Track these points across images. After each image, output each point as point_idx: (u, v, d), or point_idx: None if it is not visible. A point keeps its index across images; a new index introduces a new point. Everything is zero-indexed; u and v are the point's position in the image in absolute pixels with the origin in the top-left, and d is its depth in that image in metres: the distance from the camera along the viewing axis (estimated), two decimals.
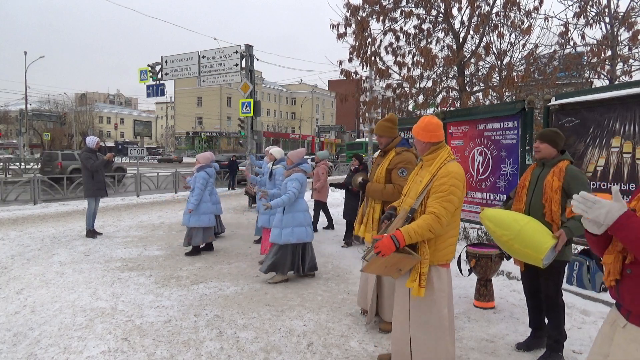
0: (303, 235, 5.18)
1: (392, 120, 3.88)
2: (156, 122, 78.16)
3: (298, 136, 68.42)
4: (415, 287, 2.66)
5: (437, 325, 2.73)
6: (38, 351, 3.41)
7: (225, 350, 3.47)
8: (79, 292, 4.82)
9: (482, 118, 5.82)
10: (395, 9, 9.75)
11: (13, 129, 56.31)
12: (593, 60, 8.86)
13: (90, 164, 7.79)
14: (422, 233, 2.58)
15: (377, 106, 11.01)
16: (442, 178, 2.66)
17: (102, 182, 8.08)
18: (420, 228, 2.57)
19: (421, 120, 2.89)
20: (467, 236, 7.16)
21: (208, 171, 6.87)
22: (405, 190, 2.95)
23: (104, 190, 8.16)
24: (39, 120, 46.92)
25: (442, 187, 2.64)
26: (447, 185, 2.64)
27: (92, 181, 7.87)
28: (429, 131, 2.82)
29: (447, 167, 2.71)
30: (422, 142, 2.85)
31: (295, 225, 5.15)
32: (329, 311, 4.35)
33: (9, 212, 10.56)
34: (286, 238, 5.12)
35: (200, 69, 16.35)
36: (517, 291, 4.71)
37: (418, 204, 2.71)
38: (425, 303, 2.73)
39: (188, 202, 6.63)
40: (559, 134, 3.22)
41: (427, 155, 2.86)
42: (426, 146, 2.85)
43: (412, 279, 2.68)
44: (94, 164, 7.80)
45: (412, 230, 2.57)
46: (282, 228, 5.15)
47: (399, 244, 2.54)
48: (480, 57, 9.48)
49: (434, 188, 2.67)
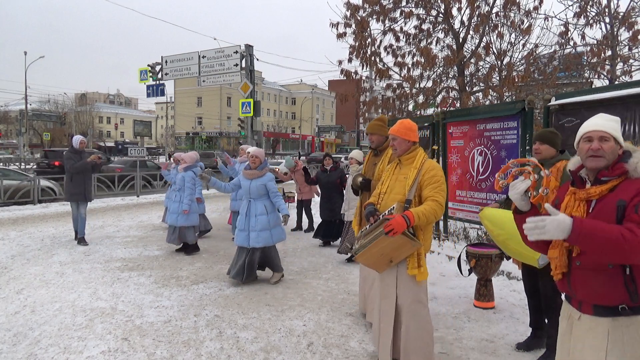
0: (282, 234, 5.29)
1: (382, 119, 4.10)
2: (156, 122, 78.02)
3: (298, 136, 68.43)
4: (417, 272, 2.88)
5: (422, 309, 2.96)
6: (38, 351, 3.41)
7: (225, 350, 3.47)
8: (79, 292, 4.82)
9: (482, 118, 5.82)
10: (395, 9, 9.76)
11: (13, 129, 56.29)
12: (593, 60, 8.87)
13: (69, 165, 7.03)
14: (429, 216, 2.78)
15: (377, 106, 11.02)
16: (431, 171, 2.93)
17: (82, 185, 7.16)
18: (428, 212, 2.78)
19: (402, 122, 3.13)
20: (467, 236, 7.16)
21: (195, 171, 6.89)
22: (384, 189, 3.13)
23: (83, 195, 7.19)
24: (39, 120, 46.95)
25: (435, 179, 2.90)
26: (438, 177, 2.92)
27: (71, 184, 7.12)
28: (413, 131, 3.09)
29: (430, 162, 3.00)
30: (407, 140, 3.06)
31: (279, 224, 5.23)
32: (329, 311, 4.35)
33: (9, 212, 10.56)
34: (278, 237, 5.20)
35: (200, 69, 16.36)
36: (517, 291, 4.71)
37: (412, 195, 2.91)
38: (413, 290, 2.94)
39: (180, 203, 6.62)
40: (557, 134, 3.23)
41: (407, 155, 3.08)
42: (408, 145, 3.07)
43: (413, 266, 2.88)
44: (74, 165, 7.02)
45: (420, 213, 2.76)
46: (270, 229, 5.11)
47: (410, 223, 2.71)
48: (480, 57, 9.50)
49: (427, 180, 2.91)
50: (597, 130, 1.80)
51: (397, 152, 3.10)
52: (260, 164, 5.15)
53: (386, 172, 3.26)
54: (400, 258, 2.87)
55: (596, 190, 1.77)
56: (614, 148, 1.78)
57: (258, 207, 5.08)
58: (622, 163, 1.76)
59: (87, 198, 7.29)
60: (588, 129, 1.84)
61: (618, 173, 1.76)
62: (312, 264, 6.19)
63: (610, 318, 1.74)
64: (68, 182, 7.18)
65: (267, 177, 5.12)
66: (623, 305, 1.71)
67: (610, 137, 1.78)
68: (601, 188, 1.76)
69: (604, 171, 1.78)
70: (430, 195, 2.85)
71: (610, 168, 1.78)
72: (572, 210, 1.83)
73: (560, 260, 1.85)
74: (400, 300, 2.95)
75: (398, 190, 3.00)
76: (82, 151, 7.31)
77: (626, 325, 1.72)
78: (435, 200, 2.82)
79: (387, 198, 3.05)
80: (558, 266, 1.86)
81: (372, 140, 4.04)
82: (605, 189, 1.76)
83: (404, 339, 2.95)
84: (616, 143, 1.79)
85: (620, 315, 1.72)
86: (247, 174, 5.12)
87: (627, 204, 1.67)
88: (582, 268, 1.78)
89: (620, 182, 1.75)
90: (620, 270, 1.69)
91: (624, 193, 1.70)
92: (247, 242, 5.03)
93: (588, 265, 1.76)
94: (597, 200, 1.77)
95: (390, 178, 3.14)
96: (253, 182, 5.07)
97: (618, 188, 1.74)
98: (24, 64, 38.32)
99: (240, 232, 5.09)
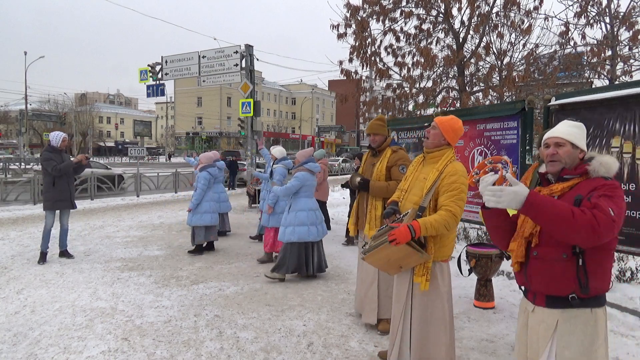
0: (305, 234, 5.17)
1: (382, 119, 4.02)
2: (156, 122, 78.13)
3: (298, 136, 68.38)
4: (422, 282, 2.71)
5: (440, 319, 2.78)
6: (38, 351, 3.41)
7: (225, 350, 3.47)
8: (79, 292, 4.82)
9: (482, 118, 5.82)
10: (395, 9, 9.75)
11: (13, 129, 56.29)
12: (593, 60, 8.85)
13: (51, 166, 5.90)
14: (438, 227, 2.59)
15: (377, 106, 11.01)
16: (451, 176, 2.70)
17: (68, 191, 6.15)
18: (437, 223, 2.59)
19: (454, 120, 2.90)
20: (467, 236, 7.16)
21: (210, 171, 6.91)
22: (405, 186, 2.96)
23: (69, 201, 6.21)
24: (39, 120, 46.91)
25: (453, 186, 2.67)
26: (458, 183, 2.68)
27: (53, 189, 6.02)
28: (457, 134, 2.88)
29: (454, 165, 2.76)
30: (443, 138, 2.85)
31: (297, 224, 5.16)
32: (329, 311, 4.35)
33: (9, 212, 10.56)
34: (288, 237, 5.15)
35: (200, 69, 16.36)
36: (517, 291, 4.70)
37: (427, 202, 2.72)
38: (430, 298, 2.77)
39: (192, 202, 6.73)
40: None
41: (433, 152, 2.87)
42: (441, 142, 2.86)
43: (421, 274, 2.71)
44: (57, 167, 5.93)
45: (428, 223, 2.58)
46: (285, 226, 5.19)
47: (414, 234, 2.54)
48: (480, 57, 9.48)
49: (445, 186, 2.69)
50: (553, 136, 1.94)
51: (427, 144, 2.91)
52: (297, 163, 5.52)
53: (411, 166, 3.05)
54: (409, 266, 2.72)
55: (558, 187, 1.89)
56: (571, 152, 1.90)
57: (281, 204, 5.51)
58: (584, 164, 1.88)
59: (74, 205, 6.35)
60: (546, 136, 1.99)
61: (579, 172, 1.88)
62: None
63: (560, 310, 1.84)
64: (49, 187, 6.04)
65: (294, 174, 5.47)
66: (573, 295, 1.80)
67: (566, 142, 1.90)
68: (563, 185, 1.88)
69: (567, 170, 1.90)
70: (445, 204, 2.64)
71: (573, 168, 1.90)
72: None
73: (518, 251, 1.94)
74: (413, 307, 2.80)
75: (416, 192, 2.83)
76: (63, 151, 6.25)
77: (574, 316, 1.82)
78: (449, 211, 2.61)
79: (406, 198, 2.89)
80: (516, 256, 1.95)
81: (374, 141, 3.94)
82: (567, 187, 1.87)
83: (412, 347, 2.80)
84: (574, 148, 1.91)
85: (569, 306, 1.82)
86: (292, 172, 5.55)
87: (584, 197, 1.77)
88: (538, 258, 1.88)
89: (581, 181, 1.87)
90: (574, 261, 1.79)
91: (582, 190, 1.82)
92: (318, 235, 5.32)
93: (544, 256, 1.86)
94: (558, 196, 1.87)
95: (413, 174, 2.96)
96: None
97: (577, 186, 1.86)
98: (24, 64, 38.38)
99: (312, 226, 5.24)
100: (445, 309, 2.79)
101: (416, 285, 2.77)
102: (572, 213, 1.65)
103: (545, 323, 1.87)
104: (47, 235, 6.13)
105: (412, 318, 2.80)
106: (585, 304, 1.81)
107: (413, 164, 3.06)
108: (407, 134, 7.16)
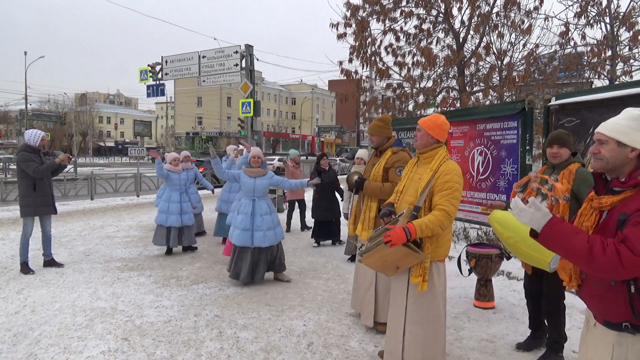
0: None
1: (384, 120, 3.94)
2: (156, 122, 78.05)
3: (298, 136, 68.41)
4: (420, 282, 2.72)
5: (435, 320, 2.80)
6: (38, 351, 3.41)
7: (225, 350, 3.47)
8: (79, 292, 4.82)
9: (482, 118, 5.82)
10: (395, 9, 9.76)
11: (13, 129, 56.28)
12: (593, 60, 8.86)
13: (32, 168, 5.31)
14: (433, 228, 2.62)
15: (377, 106, 11.02)
16: (445, 175, 2.71)
17: (49, 194, 5.62)
18: (432, 223, 2.61)
19: (436, 116, 2.90)
20: (467, 236, 7.16)
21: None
22: (401, 188, 2.98)
23: (52, 206, 5.67)
24: (39, 120, 46.80)
25: (447, 185, 2.69)
26: (452, 182, 2.70)
27: (34, 193, 5.44)
28: (442, 130, 2.87)
29: (448, 164, 2.77)
30: (430, 136, 2.85)
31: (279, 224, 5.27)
32: (329, 311, 4.35)
33: (9, 212, 10.56)
34: (280, 236, 5.23)
35: (200, 69, 16.35)
36: (517, 291, 4.71)
37: (422, 201, 2.73)
38: (426, 298, 2.79)
39: None
40: (570, 134, 3.24)
41: (426, 152, 2.88)
42: (430, 142, 2.86)
43: (418, 274, 2.73)
44: (39, 168, 5.35)
45: (424, 224, 2.60)
46: (274, 228, 5.13)
47: (410, 236, 2.56)
48: (480, 57, 9.49)
49: (439, 185, 2.71)
50: (597, 131, 1.72)
51: (416, 145, 2.92)
52: (262, 163, 5.22)
53: (407, 168, 3.08)
54: (406, 266, 2.74)
55: (607, 201, 1.69)
56: (616, 152, 1.64)
57: (262, 206, 5.09)
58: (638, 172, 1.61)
59: (55, 210, 5.79)
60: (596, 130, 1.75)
61: (632, 184, 1.61)
62: (312, 264, 6.20)
63: (617, 332, 1.70)
64: (29, 190, 5.44)
65: (269, 174, 5.22)
66: (626, 323, 1.65)
67: (609, 139, 1.65)
68: (612, 199, 1.67)
69: (616, 181, 1.67)
70: (440, 204, 2.66)
71: (625, 175, 1.64)
72: (585, 219, 1.80)
73: (575, 270, 1.82)
74: (409, 308, 2.82)
75: (411, 192, 2.85)
76: (41, 151, 5.64)
77: (631, 343, 1.68)
78: (442, 210, 2.63)
79: (402, 199, 2.92)
80: (573, 277, 1.83)
81: (372, 141, 3.93)
82: (617, 201, 1.65)
83: (406, 348, 2.81)
84: (621, 146, 1.63)
85: (624, 331, 1.68)
86: (250, 172, 5.10)
87: (628, 217, 1.56)
88: (588, 280, 1.75)
89: (633, 194, 1.61)
90: (624, 287, 1.61)
91: (631, 206, 1.58)
92: (251, 241, 4.99)
93: (592, 279, 1.71)
94: (608, 211, 1.69)
95: (408, 175, 2.98)
96: (258, 180, 5.08)
97: (628, 199, 1.61)
98: (24, 64, 38.37)
99: (244, 231, 4.99)
100: (440, 308, 2.81)
101: (413, 286, 2.78)
102: (590, 251, 1.50)
103: (603, 342, 1.76)
104: (26, 244, 5.58)
105: (408, 318, 2.82)
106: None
107: (408, 165, 3.09)
108: (407, 134, 7.17)
